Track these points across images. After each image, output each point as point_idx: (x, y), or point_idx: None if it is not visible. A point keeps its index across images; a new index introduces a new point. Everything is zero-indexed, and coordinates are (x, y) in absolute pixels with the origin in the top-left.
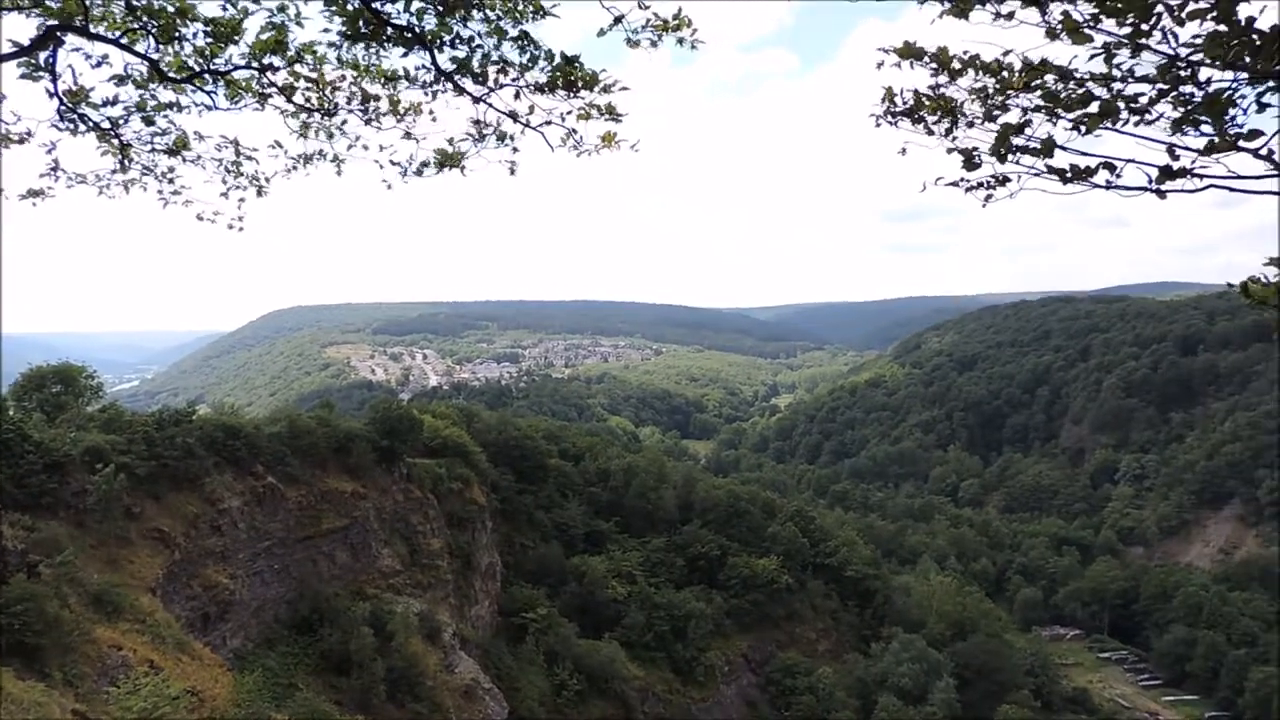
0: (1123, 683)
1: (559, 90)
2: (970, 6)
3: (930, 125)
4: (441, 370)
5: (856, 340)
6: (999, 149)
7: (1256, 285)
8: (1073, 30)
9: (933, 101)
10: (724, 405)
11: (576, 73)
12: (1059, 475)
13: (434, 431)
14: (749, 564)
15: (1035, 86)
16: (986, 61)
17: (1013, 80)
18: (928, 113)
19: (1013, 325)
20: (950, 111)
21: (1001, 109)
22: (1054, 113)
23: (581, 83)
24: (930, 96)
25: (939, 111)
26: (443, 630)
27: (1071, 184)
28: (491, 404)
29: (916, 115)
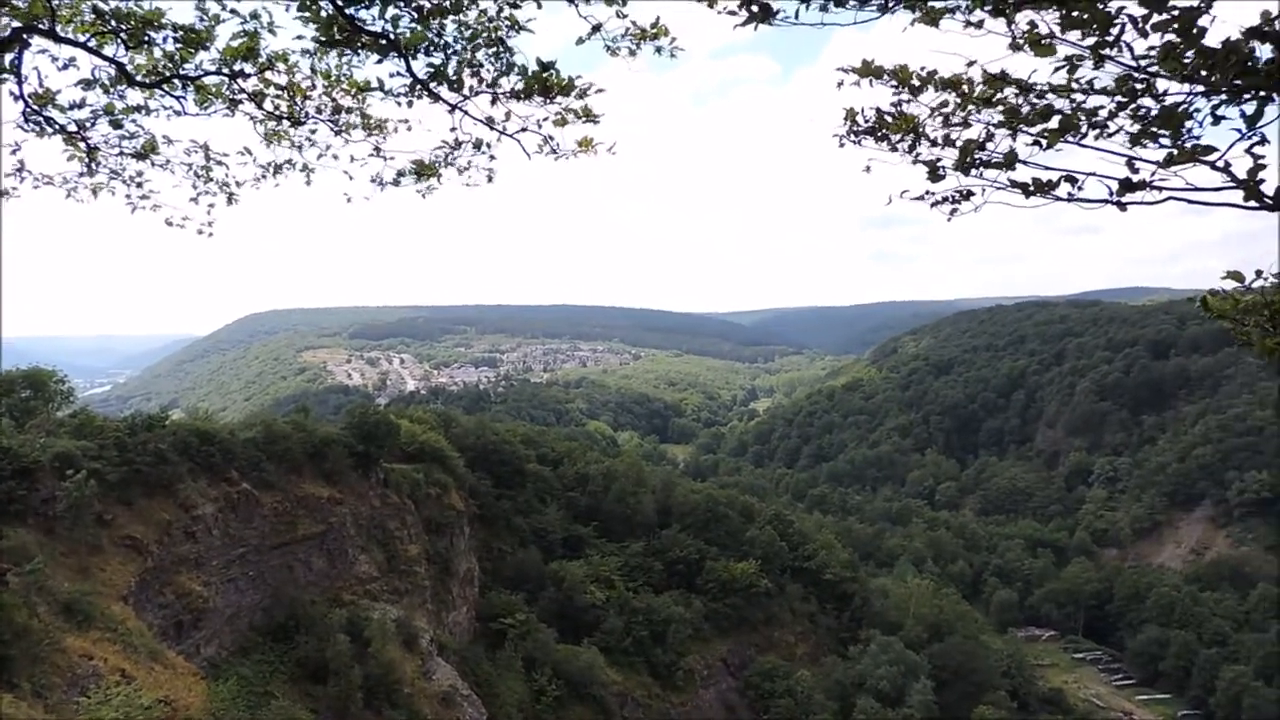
0: (1097, 683)
1: (535, 96)
2: (940, 15)
3: (894, 143)
4: (419, 375)
5: (834, 345)
6: (963, 162)
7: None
8: (1035, 42)
9: (895, 120)
10: (703, 409)
11: (553, 79)
12: (1034, 478)
13: (411, 437)
14: (727, 568)
15: (996, 102)
16: (946, 77)
17: (974, 96)
18: (891, 131)
19: (988, 330)
20: (913, 129)
21: (964, 125)
22: (1016, 128)
23: (557, 88)
24: (893, 115)
25: (902, 130)
26: (420, 637)
27: (1035, 197)
28: (469, 409)
29: (880, 133)
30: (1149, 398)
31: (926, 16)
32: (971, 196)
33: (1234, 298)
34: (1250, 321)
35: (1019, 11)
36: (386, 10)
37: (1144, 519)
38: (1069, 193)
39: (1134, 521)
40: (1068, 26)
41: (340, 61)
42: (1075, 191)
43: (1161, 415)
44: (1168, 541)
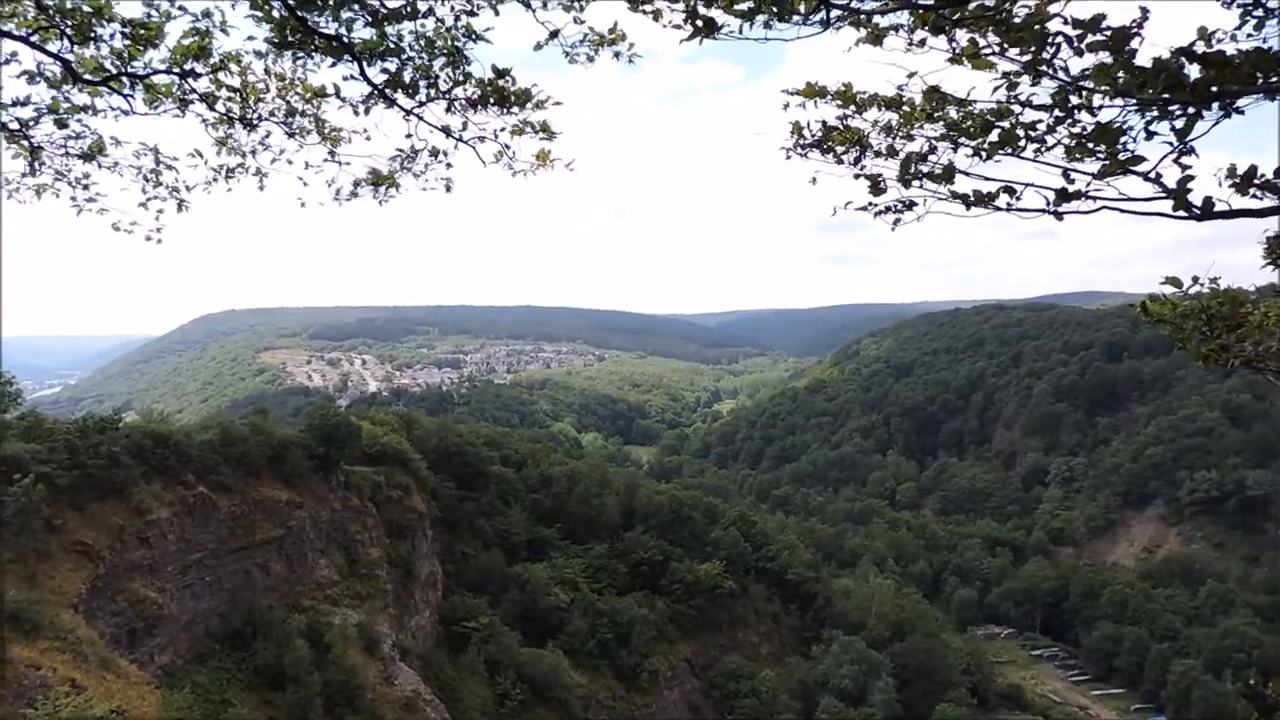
0: (1054, 679)
1: (492, 106)
2: (884, 34)
3: (839, 155)
4: (381, 376)
5: (797, 347)
6: (904, 175)
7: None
8: (972, 56)
9: (840, 134)
10: (667, 411)
11: (508, 87)
12: (992, 478)
13: (373, 438)
14: (692, 569)
15: (939, 117)
16: (889, 97)
17: (916, 112)
18: (836, 143)
19: (948, 333)
20: (858, 142)
21: (908, 139)
22: (956, 141)
23: (514, 98)
24: (838, 129)
25: (847, 142)
26: (382, 641)
27: (975, 208)
28: (432, 410)
29: (826, 146)
30: (1103, 399)
31: (871, 36)
32: (914, 207)
33: (1172, 303)
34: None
35: (958, 29)
36: (340, 13)
37: (1098, 518)
38: (1007, 203)
39: (1089, 521)
40: (1006, 44)
41: (295, 65)
42: (1014, 202)
43: (1115, 416)
44: (1121, 540)
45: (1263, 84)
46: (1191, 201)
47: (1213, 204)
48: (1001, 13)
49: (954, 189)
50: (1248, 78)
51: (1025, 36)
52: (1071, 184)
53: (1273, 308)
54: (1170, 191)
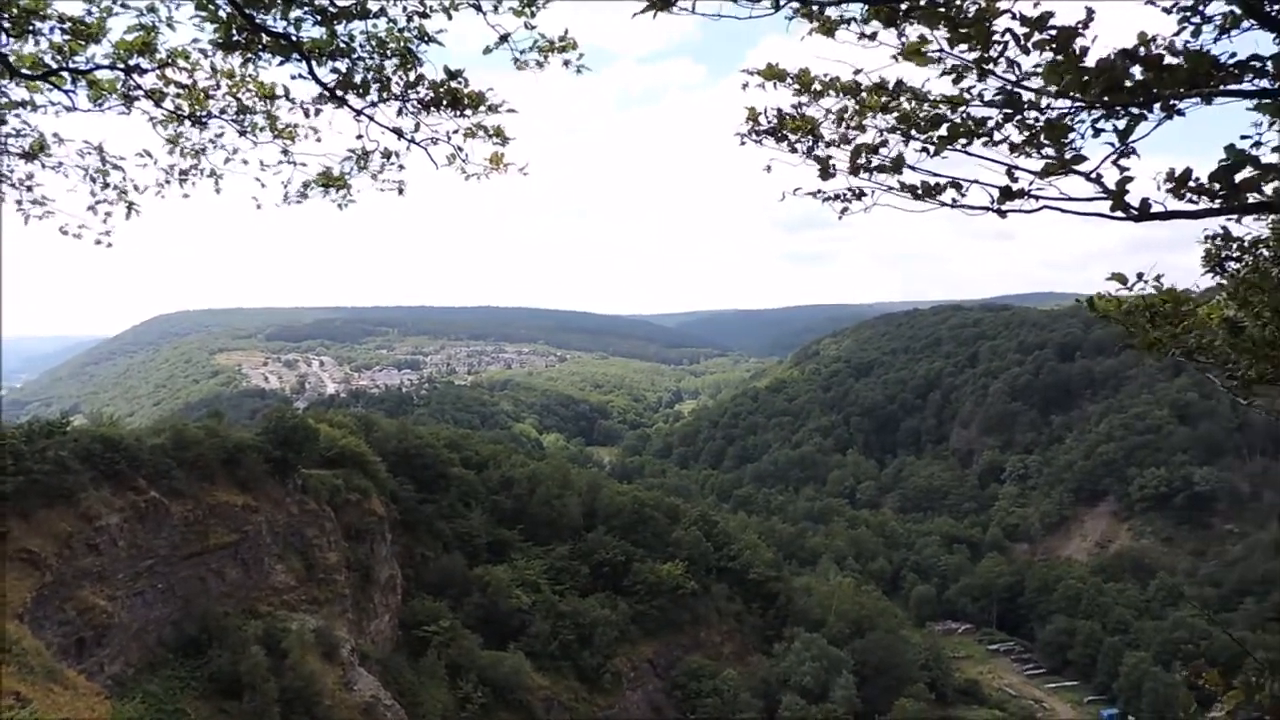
0: (1010, 673)
1: (445, 108)
2: (836, 26)
3: (793, 143)
4: (339, 378)
5: (757, 347)
6: (854, 164)
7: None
8: (914, 52)
9: (795, 120)
10: (629, 411)
11: (461, 89)
12: (950, 476)
13: (331, 441)
14: (654, 570)
15: (892, 109)
16: (845, 83)
17: (871, 102)
18: (790, 131)
19: (906, 333)
20: (812, 130)
21: (859, 129)
22: (908, 134)
23: (467, 100)
24: (793, 116)
25: (800, 130)
26: (340, 647)
27: (922, 200)
28: (391, 412)
29: (780, 134)
30: (1057, 398)
31: (823, 27)
32: (863, 196)
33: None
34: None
35: (908, 23)
36: (289, 11)
37: (1052, 514)
38: (953, 198)
39: (1043, 517)
40: (954, 40)
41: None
42: (959, 198)
43: (1068, 415)
44: (1074, 535)
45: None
46: (1129, 202)
47: (1149, 205)
48: (951, 9)
49: (902, 180)
50: (1185, 80)
51: (972, 33)
52: (1015, 182)
53: (1214, 309)
54: (1110, 192)
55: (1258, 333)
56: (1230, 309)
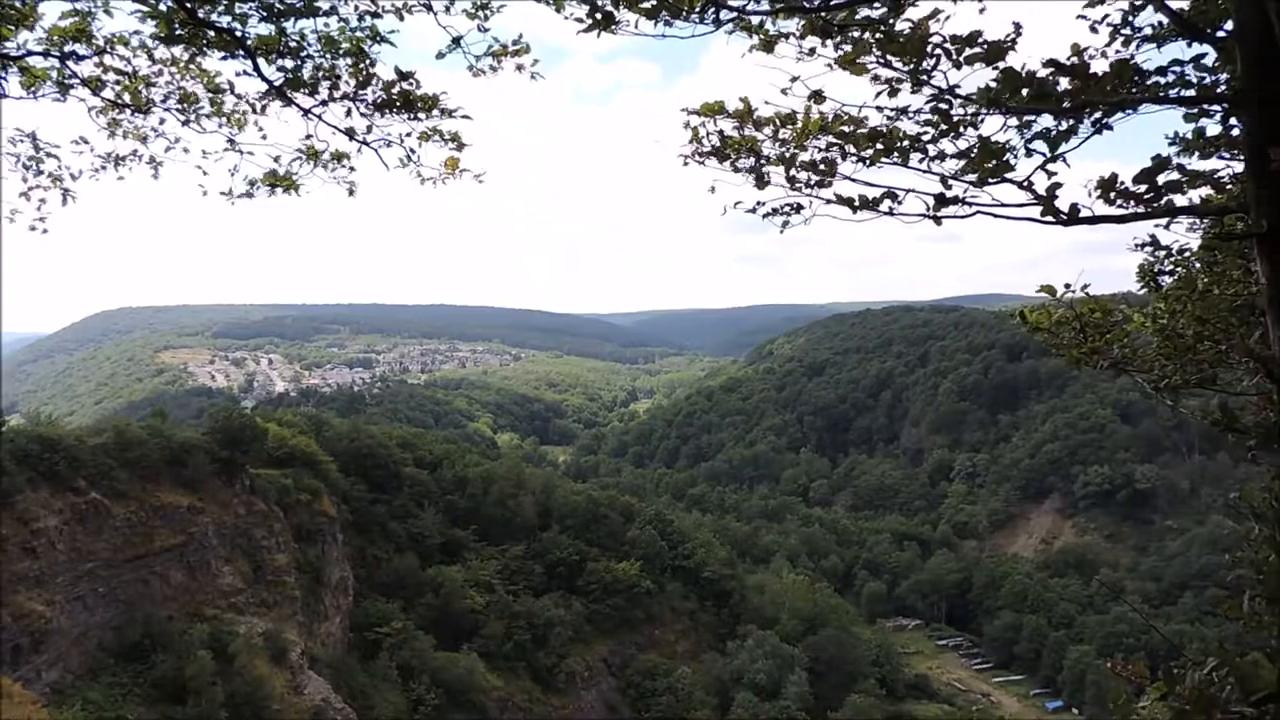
0: (959, 667)
1: (397, 110)
2: (775, 41)
3: (735, 164)
4: (289, 376)
5: (713, 346)
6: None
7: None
8: (849, 62)
9: (736, 141)
10: (584, 410)
11: (414, 91)
12: (900, 475)
13: (280, 441)
14: (609, 569)
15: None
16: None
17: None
18: (732, 151)
19: (858, 333)
20: (753, 150)
21: (800, 149)
22: (845, 150)
23: (420, 103)
24: (734, 137)
25: (742, 150)
26: (290, 650)
27: (860, 212)
28: (343, 411)
29: (723, 154)
30: (1004, 398)
31: (763, 43)
32: (801, 209)
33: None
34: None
35: (844, 35)
36: (234, 6)
37: (1000, 512)
38: (890, 208)
39: (991, 514)
40: (892, 53)
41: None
42: (896, 207)
43: (1015, 414)
44: (1021, 532)
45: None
46: (1059, 208)
47: (1078, 210)
48: (886, 24)
49: (839, 193)
50: (1110, 91)
51: (906, 47)
52: (949, 190)
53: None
54: (1040, 198)
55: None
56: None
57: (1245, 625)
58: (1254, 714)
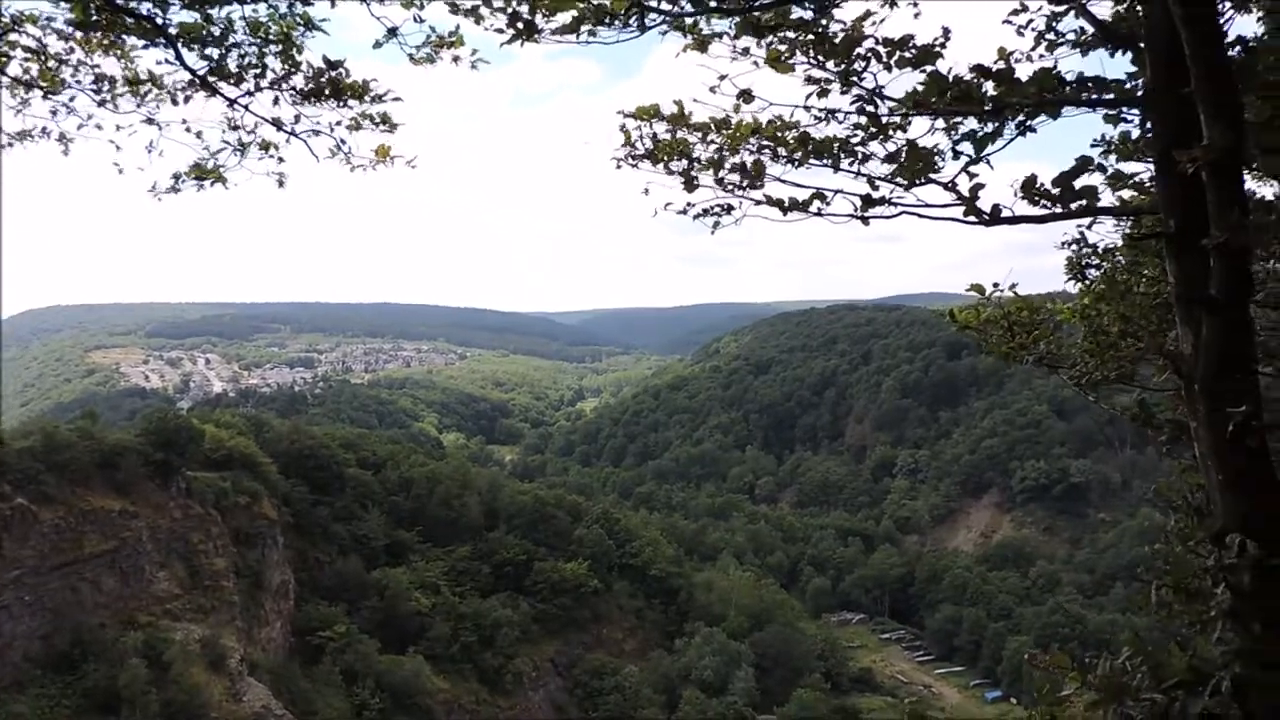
0: (902, 660)
1: (326, 98)
2: (709, 41)
3: (669, 166)
4: (227, 376)
5: (659, 345)
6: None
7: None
8: (775, 60)
9: (669, 144)
10: (530, 410)
11: (343, 79)
12: (845, 471)
13: (217, 442)
14: (556, 568)
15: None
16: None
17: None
18: (664, 154)
19: (803, 331)
20: (685, 153)
21: (733, 151)
22: (776, 153)
23: (349, 91)
24: (667, 141)
25: (675, 153)
26: (228, 656)
27: (790, 213)
28: (284, 412)
29: (656, 157)
30: (945, 395)
31: (696, 43)
32: (732, 210)
33: (977, 310)
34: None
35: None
36: None
37: (941, 507)
38: (819, 209)
39: (932, 509)
40: (818, 54)
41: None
42: (824, 207)
43: (955, 411)
44: (961, 527)
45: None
46: (981, 208)
47: (999, 210)
48: (818, 25)
49: (769, 195)
50: (1033, 95)
51: (837, 49)
52: (876, 191)
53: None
54: (963, 199)
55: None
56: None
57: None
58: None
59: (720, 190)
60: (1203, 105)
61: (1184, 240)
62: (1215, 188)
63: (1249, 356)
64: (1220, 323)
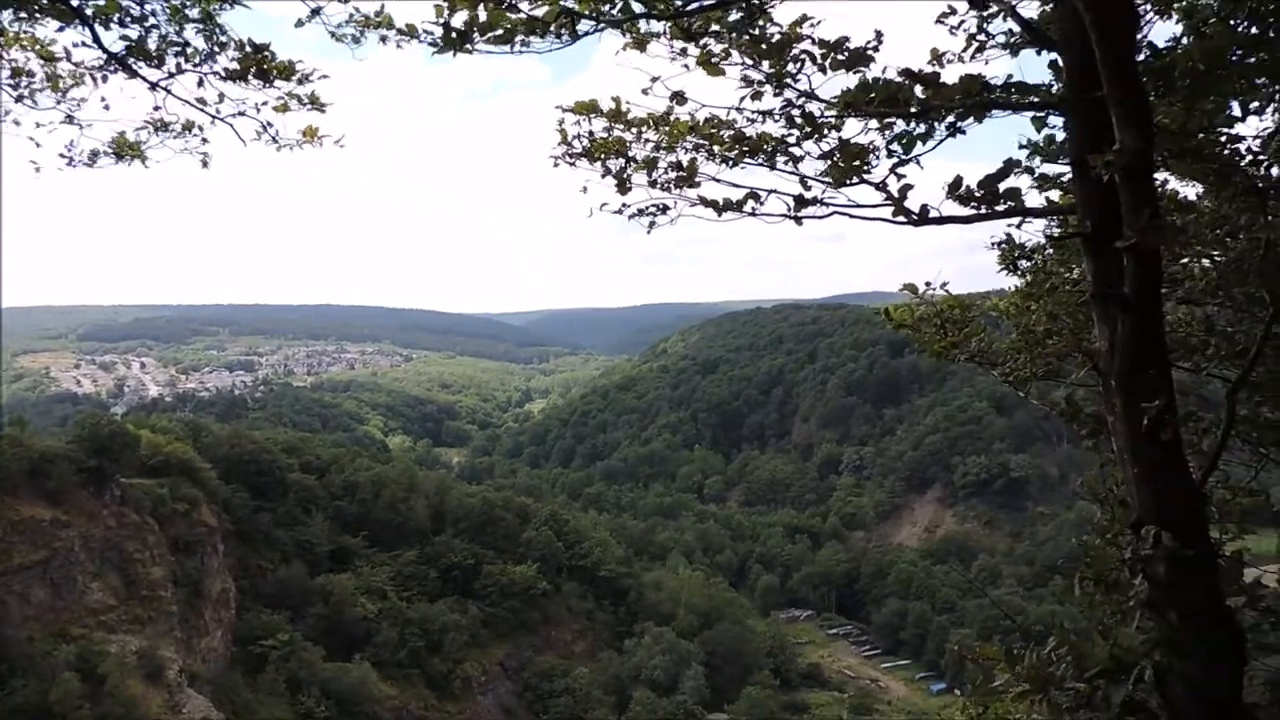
0: (849, 655)
1: (251, 79)
2: (648, 40)
3: (606, 165)
4: (163, 380)
5: (607, 345)
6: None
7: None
8: (705, 62)
9: (606, 143)
10: (478, 411)
11: (268, 60)
12: (791, 469)
13: (154, 448)
14: (505, 571)
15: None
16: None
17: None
18: (602, 153)
19: (750, 331)
20: (622, 152)
21: (669, 150)
22: (712, 151)
23: (276, 72)
24: (604, 139)
25: (612, 152)
26: (167, 668)
27: (725, 213)
28: (223, 416)
29: (594, 156)
30: (888, 393)
31: (635, 42)
32: (667, 210)
33: (911, 308)
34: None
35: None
36: None
37: (885, 503)
38: (753, 209)
39: (877, 505)
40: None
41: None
42: (758, 207)
43: (899, 408)
44: (905, 522)
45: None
46: (909, 208)
47: (927, 211)
48: (752, 28)
49: (703, 195)
50: (959, 99)
51: (770, 51)
52: (809, 190)
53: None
54: (892, 198)
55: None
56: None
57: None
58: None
59: (655, 191)
60: (1114, 110)
61: (1100, 240)
62: (1128, 190)
63: (1162, 352)
64: (1134, 320)
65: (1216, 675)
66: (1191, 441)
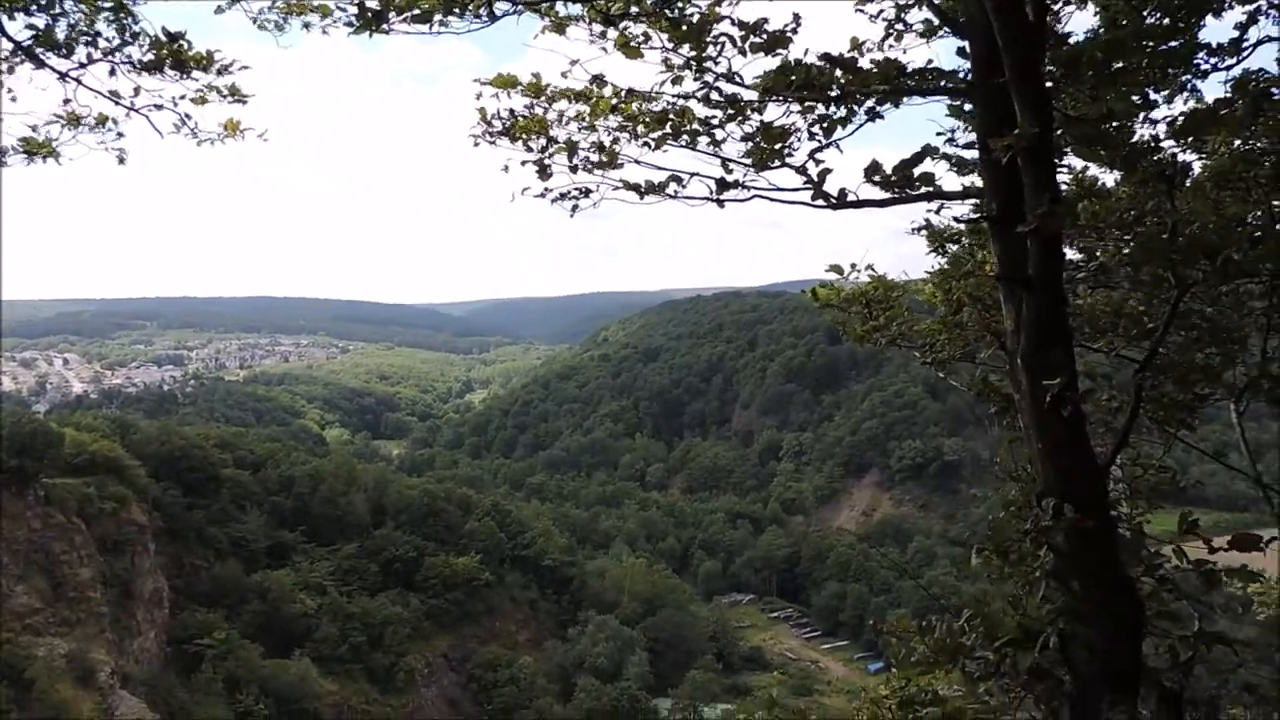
0: (790, 637)
1: (168, 70)
2: (566, 24)
3: (527, 144)
4: (88, 377)
5: (548, 334)
6: (573, 163)
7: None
8: (624, 45)
9: (526, 121)
10: (417, 403)
11: (185, 51)
12: (733, 456)
13: (79, 446)
14: (448, 563)
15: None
16: (578, 90)
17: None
18: (522, 132)
19: (691, 319)
20: (543, 131)
21: (590, 129)
22: (634, 133)
23: (193, 63)
24: (525, 117)
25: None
26: (98, 670)
27: (648, 196)
28: (152, 412)
29: (514, 135)
30: (827, 379)
31: (555, 25)
32: (590, 194)
33: (836, 289)
34: (850, 310)
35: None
36: None
37: (825, 488)
38: (675, 191)
39: (816, 490)
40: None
41: None
42: (681, 190)
43: (837, 394)
44: (844, 506)
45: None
46: (828, 192)
47: (845, 194)
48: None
49: (625, 179)
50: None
51: (689, 34)
52: (730, 174)
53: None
54: (811, 182)
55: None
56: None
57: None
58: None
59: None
60: (1015, 95)
61: (1005, 223)
62: (1029, 174)
63: (1065, 332)
64: (1037, 301)
65: (1118, 642)
66: (1105, 420)
